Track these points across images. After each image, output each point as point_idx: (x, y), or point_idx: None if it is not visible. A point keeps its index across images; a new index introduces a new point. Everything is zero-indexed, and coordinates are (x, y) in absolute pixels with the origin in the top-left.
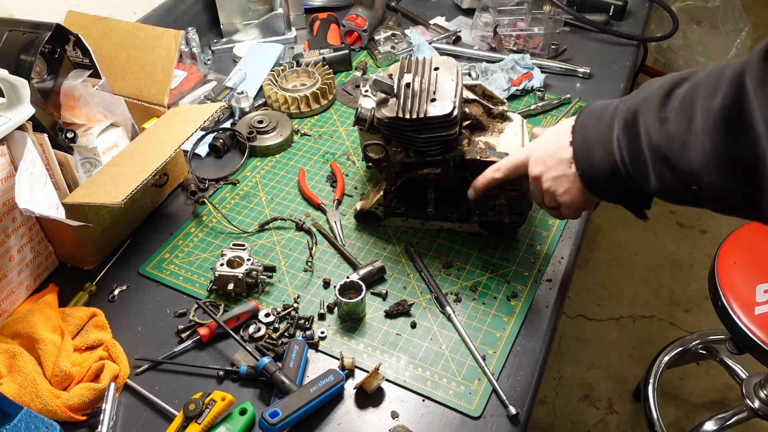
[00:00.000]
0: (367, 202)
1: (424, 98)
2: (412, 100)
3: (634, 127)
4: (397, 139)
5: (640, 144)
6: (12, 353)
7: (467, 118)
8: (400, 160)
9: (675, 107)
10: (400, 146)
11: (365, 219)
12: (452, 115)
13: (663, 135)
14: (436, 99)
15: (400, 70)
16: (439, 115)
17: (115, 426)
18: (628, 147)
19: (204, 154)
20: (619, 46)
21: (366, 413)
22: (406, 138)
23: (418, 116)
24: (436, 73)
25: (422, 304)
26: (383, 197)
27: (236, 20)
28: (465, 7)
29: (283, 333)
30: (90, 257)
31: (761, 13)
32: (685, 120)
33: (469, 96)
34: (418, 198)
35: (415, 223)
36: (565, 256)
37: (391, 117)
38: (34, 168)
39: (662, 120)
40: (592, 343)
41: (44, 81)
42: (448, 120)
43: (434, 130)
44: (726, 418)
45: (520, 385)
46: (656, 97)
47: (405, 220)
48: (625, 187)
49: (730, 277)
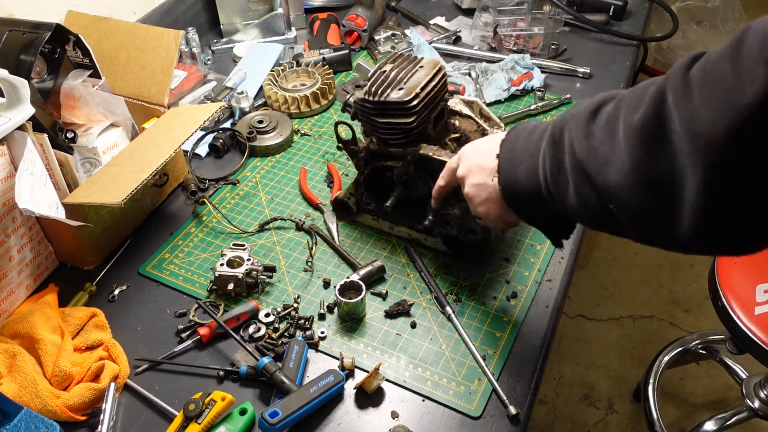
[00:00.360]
0: (342, 191)
1: (392, 85)
2: (380, 85)
3: (560, 142)
4: (365, 125)
5: (563, 158)
6: (12, 353)
7: (456, 131)
8: (366, 146)
9: (601, 123)
10: (367, 131)
11: (340, 208)
12: (410, 103)
13: (586, 150)
14: (403, 88)
15: (386, 59)
16: (398, 100)
17: (115, 426)
18: (551, 161)
19: (204, 154)
20: (619, 46)
21: (366, 413)
22: (372, 123)
23: (380, 99)
24: (417, 68)
25: (422, 304)
26: (354, 187)
27: (236, 20)
28: (465, 7)
29: (283, 333)
30: (90, 257)
31: (761, 13)
32: (608, 135)
33: (463, 110)
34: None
35: (384, 224)
36: (565, 256)
37: (360, 98)
38: (34, 168)
39: (587, 135)
40: (592, 343)
41: (44, 81)
42: (405, 107)
43: (393, 116)
44: (726, 418)
45: (520, 385)
46: (584, 113)
47: (376, 220)
48: (545, 209)
49: (730, 277)
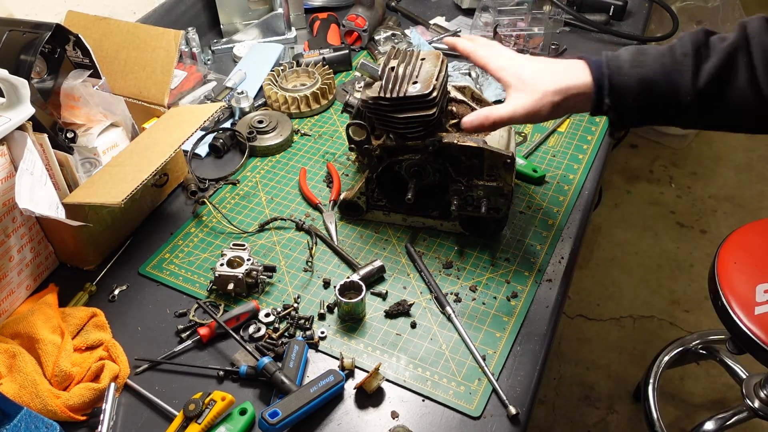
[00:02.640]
0: (349, 191)
1: (406, 81)
2: (394, 82)
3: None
4: (379, 122)
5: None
6: (12, 353)
7: (454, 116)
8: (382, 144)
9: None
10: (382, 129)
11: (348, 210)
12: (431, 95)
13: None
14: (418, 82)
15: (387, 57)
16: (419, 94)
17: (115, 426)
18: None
19: (204, 154)
20: (619, 46)
21: (366, 413)
22: (388, 119)
23: (398, 95)
24: (422, 62)
25: (422, 304)
26: (365, 185)
27: (236, 20)
28: (465, 7)
29: (283, 333)
30: (90, 257)
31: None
32: None
33: (458, 96)
34: (400, 191)
35: (396, 218)
36: (565, 256)
37: (374, 97)
38: (34, 168)
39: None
40: (592, 343)
41: (44, 81)
42: (426, 100)
43: (413, 110)
44: (726, 418)
45: (520, 385)
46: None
47: (387, 215)
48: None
49: (730, 277)
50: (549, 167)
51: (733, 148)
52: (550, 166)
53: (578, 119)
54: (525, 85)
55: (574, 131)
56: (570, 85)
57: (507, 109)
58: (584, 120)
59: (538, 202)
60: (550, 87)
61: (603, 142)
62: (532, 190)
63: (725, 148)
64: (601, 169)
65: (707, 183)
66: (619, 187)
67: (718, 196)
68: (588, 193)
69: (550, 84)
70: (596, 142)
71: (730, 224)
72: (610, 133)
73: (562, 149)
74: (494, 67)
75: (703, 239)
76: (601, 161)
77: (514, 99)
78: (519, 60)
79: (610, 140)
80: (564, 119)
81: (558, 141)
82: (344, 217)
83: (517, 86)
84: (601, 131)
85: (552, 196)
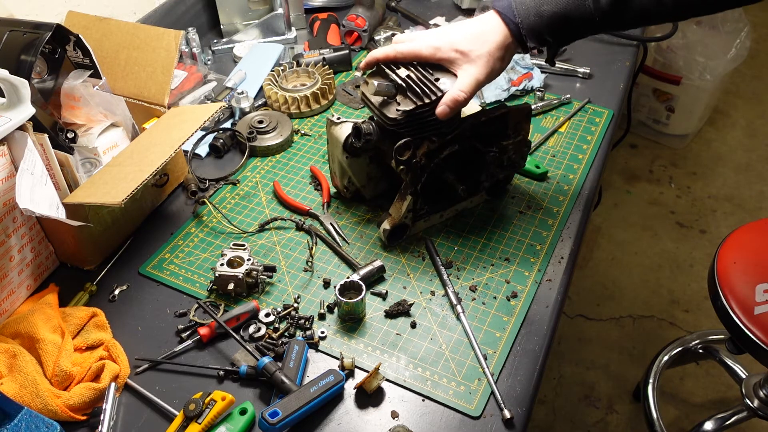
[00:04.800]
0: (393, 217)
1: (428, 81)
2: (421, 86)
3: None
4: (415, 132)
5: None
6: (12, 353)
7: None
8: (424, 151)
9: None
10: (420, 137)
11: (394, 235)
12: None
13: None
14: (440, 78)
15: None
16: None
17: (116, 426)
18: None
19: (204, 154)
20: (618, 46)
21: (366, 413)
22: (428, 124)
23: (436, 96)
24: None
25: (422, 304)
26: (412, 202)
27: (236, 20)
28: (465, 7)
29: (283, 333)
30: (90, 257)
31: (761, 13)
32: None
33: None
34: (438, 191)
35: (435, 218)
36: (565, 256)
37: (411, 108)
38: (34, 168)
39: None
40: (591, 342)
41: (45, 81)
42: None
43: None
44: (725, 417)
45: (520, 386)
46: None
47: (427, 220)
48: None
49: (729, 277)
50: (549, 167)
51: (732, 148)
52: (550, 166)
53: (578, 119)
54: (469, 56)
55: (574, 131)
56: (498, 40)
57: (469, 82)
58: (584, 120)
59: (538, 202)
60: (491, 48)
61: (603, 142)
62: (533, 190)
63: (725, 148)
64: (601, 169)
65: (707, 183)
66: (619, 187)
67: (717, 196)
68: (588, 193)
69: (487, 45)
70: (596, 142)
71: (730, 224)
72: (548, 60)
73: (562, 149)
74: (427, 53)
75: (702, 239)
76: (600, 161)
77: (468, 71)
78: (444, 36)
79: (610, 140)
80: (564, 120)
81: (558, 141)
82: (391, 243)
83: (462, 59)
84: (602, 131)
85: (552, 196)
